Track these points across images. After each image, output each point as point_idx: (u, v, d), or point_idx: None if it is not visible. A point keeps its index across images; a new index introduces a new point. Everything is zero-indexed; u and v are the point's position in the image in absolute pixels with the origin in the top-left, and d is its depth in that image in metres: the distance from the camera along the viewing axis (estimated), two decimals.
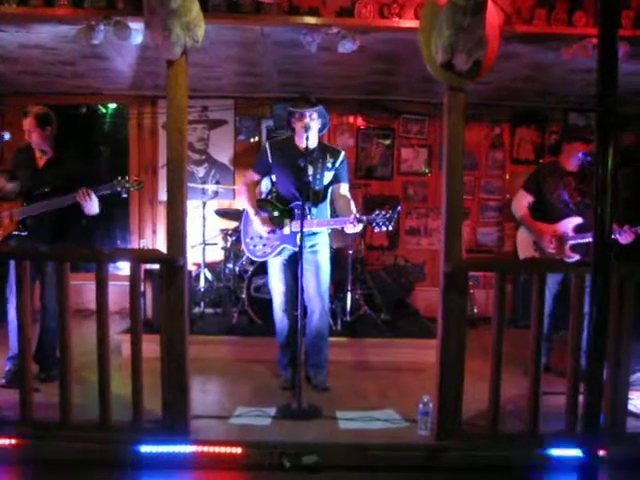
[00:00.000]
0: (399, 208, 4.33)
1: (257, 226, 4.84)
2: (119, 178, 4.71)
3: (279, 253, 4.81)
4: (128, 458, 3.71)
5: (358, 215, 4.36)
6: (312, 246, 4.80)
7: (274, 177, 5.01)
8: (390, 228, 4.33)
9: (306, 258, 4.74)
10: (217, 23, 4.58)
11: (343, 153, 4.86)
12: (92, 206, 4.69)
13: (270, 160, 4.86)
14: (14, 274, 4.03)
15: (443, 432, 3.86)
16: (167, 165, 3.84)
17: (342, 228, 4.48)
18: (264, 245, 4.89)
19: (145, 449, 3.71)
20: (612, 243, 1.93)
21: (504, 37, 3.94)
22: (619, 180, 7.46)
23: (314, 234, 4.77)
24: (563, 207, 5.12)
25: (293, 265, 4.73)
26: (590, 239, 4.87)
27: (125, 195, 4.73)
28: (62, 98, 7.69)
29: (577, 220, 5.02)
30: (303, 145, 4.61)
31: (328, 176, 4.79)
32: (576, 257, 4.94)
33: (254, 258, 5.06)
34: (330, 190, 4.89)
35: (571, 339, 3.84)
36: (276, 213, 4.85)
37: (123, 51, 5.68)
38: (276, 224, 4.81)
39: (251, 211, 4.89)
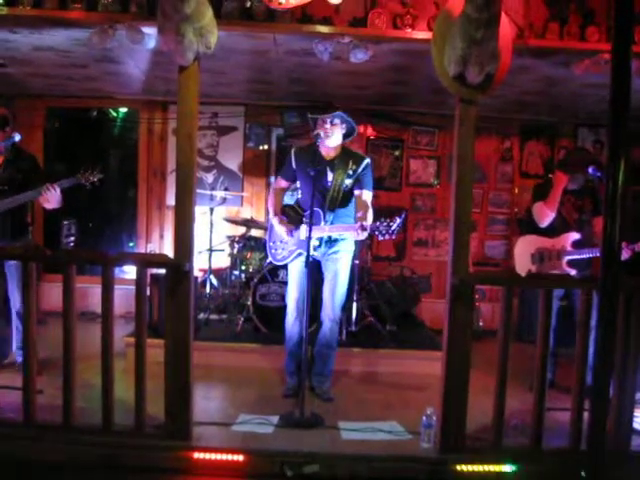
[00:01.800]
0: (402, 217, 4.30)
1: (277, 227, 4.92)
2: (82, 171, 4.86)
3: (296, 257, 4.83)
4: (130, 463, 3.70)
5: (364, 223, 4.35)
6: (334, 253, 4.80)
7: (298, 183, 5.05)
8: (393, 237, 4.30)
9: (326, 265, 4.78)
10: (230, 30, 4.59)
11: (367, 161, 4.80)
12: (55, 200, 4.83)
13: (294, 166, 4.91)
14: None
15: (446, 445, 3.84)
16: (176, 170, 3.85)
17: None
18: (283, 249, 4.95)
19: (147, 454, 3.69)
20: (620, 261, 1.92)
21: (516, 51, 3.93)
22: (628, 197, 7.45)
23: (336, 241, 4.77)
24: (561, 223, 5.13)
25: (312, 272, 4.74)
26: (585, 254, 4.90)
27: (89, 187, 4.89)
28: (73, 101, 7.74)
29: (575, 236, 5.02)
30: (325, 151, 4.63)
31: (349, 183, 4.76)
32: (573, 272, 4.93)
33: (275, 262, 5.13)
34: (354, 197, 4.87)
35: (577, 355, 3.82)
36: (292, 213, 4.93)
37: (136, 55, 5.70)
38: (294, 226, 4.86)
39: (272, 213, 4.98)
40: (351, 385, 5.36)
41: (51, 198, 4.79)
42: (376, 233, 4.30)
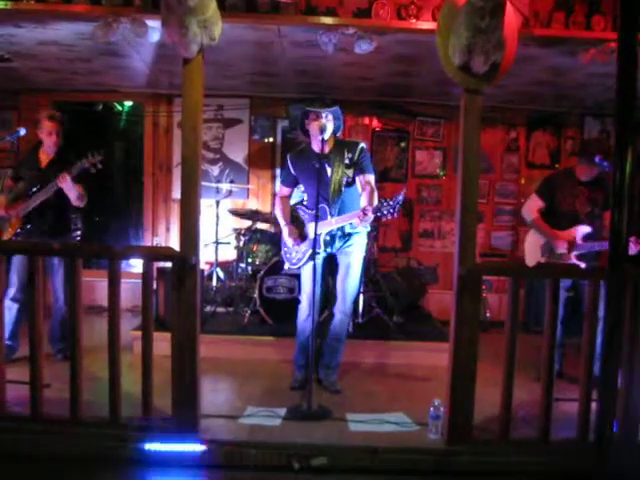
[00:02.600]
0: (403, 194, 4.27)
1: (285, 237, 4.94)
2: (87, 155, 5.01)
3: (310, 258, 4.75)
4: (137, 455, 3.71)
5: (367, 207, 4.32)
6: (347, 247, 4.79)
7: (302, 187, 5.09)
8: (396, 215, 4.26)
9: (340, 259, 4.81)
10: (234, 22, 4.57)
11: (362, 145, 4.77)
12: (71, 191, 5.04)
13: (293, 172, 4.92)
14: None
15: (454, 436, 3.84)
16: (181, 163, 3.84)
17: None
18: (297, 252, 4.92)
19: (154, 447, 3.71)
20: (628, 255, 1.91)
21: (521, 40, 3.90)
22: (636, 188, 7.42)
23: (350, 235, 4.76)
24: (573, 216, 5.11)
25: (327, 266, 4.77)
26: (596, 248, 4.88)
27: (94, 170, 5.04)
28: (78, 95, 7.75)
29: (587, 229, 5.00)
30: (318, 148, 4.62)
31: (349, 172, 4.73)
32: (582, 265, 4.92)
33: (292, 267, 5.06)
34: (357, 184, 4.83)
35: (585, 345, 3.81)
36: (300, 218, 4.98)
37: (140, 49, 5.69)
38: (300, 234, 4.90)
39: (282, 222, 5.00)
40: (358, 377, 5.36)
41: (67, 189, 4.99)
42: (379, 214, 4.27)
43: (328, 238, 4.68)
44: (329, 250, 4.76)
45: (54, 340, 5.34)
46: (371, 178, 4.74)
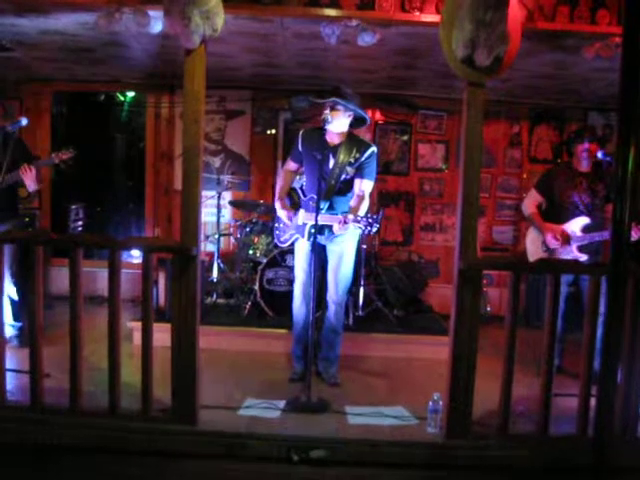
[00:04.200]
0: (381, 214, 4.32)
1: (279, 212, 4.94)
2: (56, 152, 5.12)
3: (295, 241, 4.88)
4: (136, 446, 3.72)
5: (347, 217, 4.32)
6: (338, 237, 4.76)
7: (304, 166, 5.02)
8: (373, 231, 4.28)
9: (331, 250, 4.79)
10: (236, 13, 4.54)
11: (372, 149, 4.73)
12: (32, 180, 5.06)
13: (300, 148, 4.89)
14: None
15: (453, 430, 3.84)
16: (183, 154, 3.85)
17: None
18: (284, 232, 5.00)
19: (153, 438, 3.71)
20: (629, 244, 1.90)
21: (525, 34, 3.89)
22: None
23: None
24: (573, 208, 5.12)
25: (319, 256, 4.73)
26: (596, 238, 4.88)
27: (63, 167, 5.11)
28: (80, 85, 7.73)
29: (585, 220, 5.00)
30: (329, 137, 4.63)
31: (350, 170, 4.72)
32: (584, 257, 4.92)
33: (278, 243, 5.19)
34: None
35: (585, 341, 3.81)
36: (296, 198, 5.02)
37: (142, 39, 5.66)
38: (294, 211, 4.89)
39: (277, 196, 5.00)
40: (358, 370, 5.36)
41: (27, 179, 5.03)
42: (358, 227, 4.29)
43: (313, 231, 4.60)
44: (321, 239, 4.73)
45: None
46: (368, 185, 4.73)
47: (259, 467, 3.66)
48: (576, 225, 5.02)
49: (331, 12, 4.49)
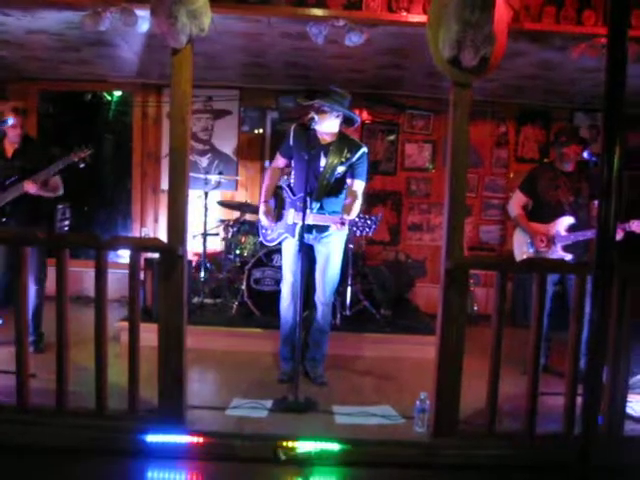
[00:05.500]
0: (380, 216, 4.30)
1: (261, 214, 4.91)
2: (75, 151, 5.08)
3: (283, 240, 4.85)
4: (123, 446, 3.70)
5: (344, 218, 4.33)
6: (325, 237, 4.76)
7: (293, 163, 4.97)
8: (370, 233, 4.29)
9: (318, 249, 4.78)
10: (224, 13, 4.52)
11: (363, 150, 4.73)
12: (40, 192, 5.07)
13: (291, 143, 4.85)
14: None
15: (440, 430, 3.85)
16: (169, 154, 3.83)
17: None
18: (272, 231, 4.96)
19: (140, 438, 3.70)
20: (614, 244, 1.91)
21: (512, 34, 3.90)
22: (624, 182, 7.47)
23: (328, 228, 4.68)
24: (557, 207, 5.14)
25: (306, 256, 4.72)
26: (580, 238, 4.91)
27: (82, 165, 5.11)
28: (67, 84, 7.70)
29: (569, 220, 5.04)
30: (320, 136, 4.63)
31: (341, 170, 4.72)
32: (569, 256, 4.95)
33: (265, 242, 5.14)
34: (346, 186, 4.83)
35: (571, 340, 3.83)
36: (282, 197, 4.95)
37: (129, 38, 5.65)
38: (276, 217, 4.90)
39: (261, 198, 5.00)
40: (345, 369, 5.36)
41: (32, 192, 5.00)
42: (354, 229, 4.29)
43: (300, 230, 4.60)
44: (308, 239, 4.73)
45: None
46: (360, 185, 4.74)
47: (246, 467, 3.65)
48: (561, 225, 5.05)
49: (318, 12, 4.48)
